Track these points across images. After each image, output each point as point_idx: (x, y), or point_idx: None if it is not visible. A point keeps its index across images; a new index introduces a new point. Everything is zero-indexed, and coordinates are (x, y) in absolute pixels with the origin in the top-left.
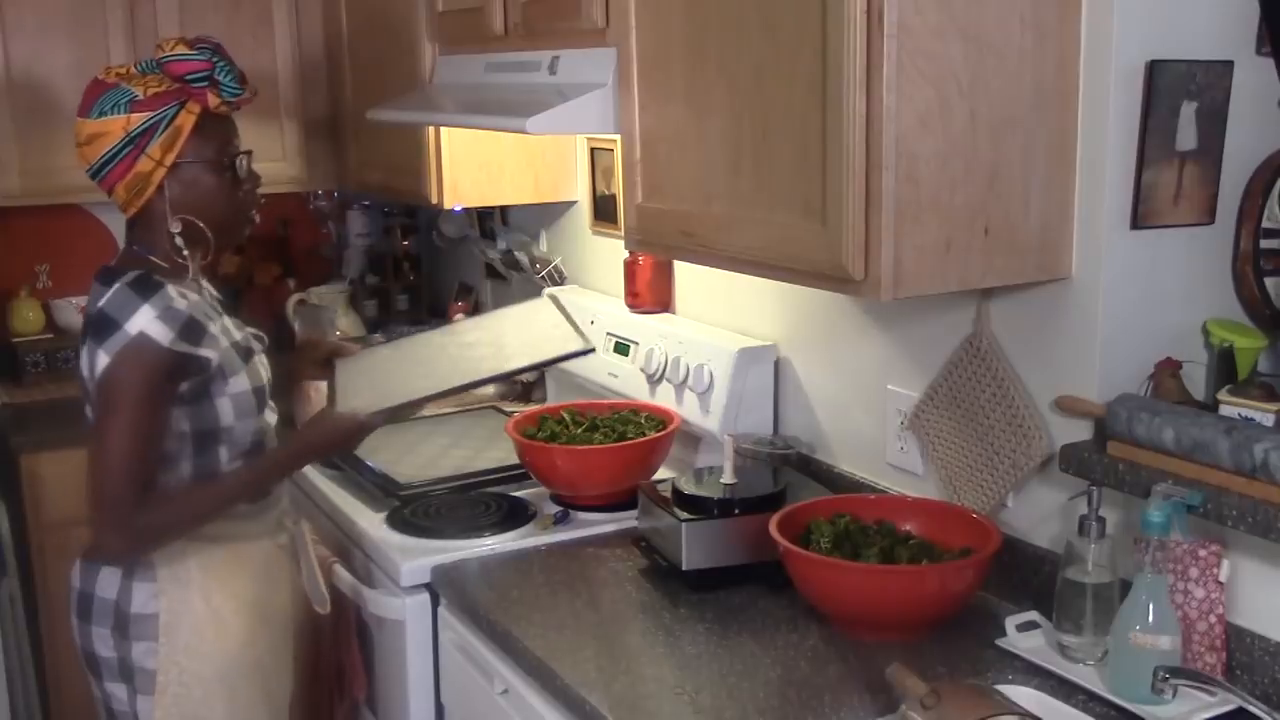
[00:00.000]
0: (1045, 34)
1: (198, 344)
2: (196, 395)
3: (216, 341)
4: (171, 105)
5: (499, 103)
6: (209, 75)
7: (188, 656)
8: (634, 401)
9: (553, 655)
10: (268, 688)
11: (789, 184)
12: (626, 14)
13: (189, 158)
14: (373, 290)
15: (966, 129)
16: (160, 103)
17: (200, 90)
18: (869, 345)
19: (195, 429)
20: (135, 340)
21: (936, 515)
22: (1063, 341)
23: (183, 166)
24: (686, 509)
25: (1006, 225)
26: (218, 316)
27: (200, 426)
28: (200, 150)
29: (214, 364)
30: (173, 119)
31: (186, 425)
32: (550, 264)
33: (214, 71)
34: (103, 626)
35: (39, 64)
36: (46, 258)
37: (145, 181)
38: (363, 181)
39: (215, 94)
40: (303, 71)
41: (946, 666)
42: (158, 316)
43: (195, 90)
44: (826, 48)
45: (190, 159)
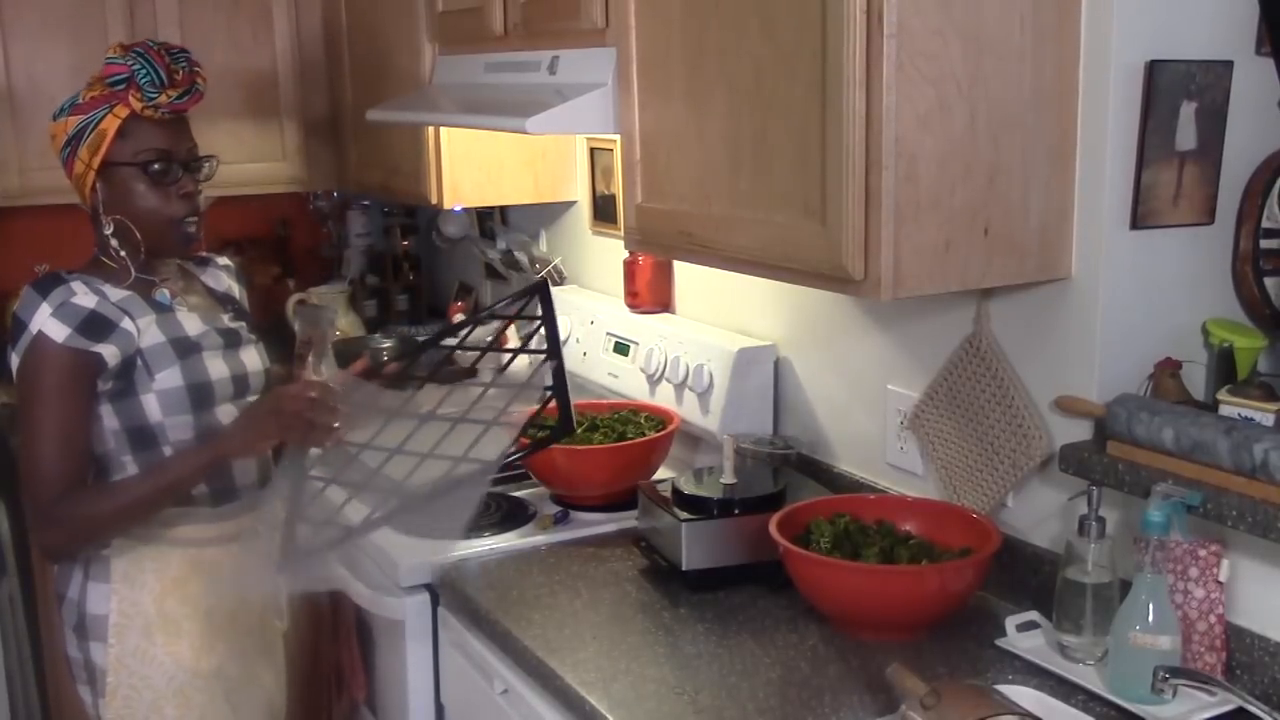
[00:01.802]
0: (1045, 34)
1: (98, 340)
2: (121, 391)
3: (130, 338)
4: (101, 109)
5: (498, 103)
6: (126, 79)
7: (137, 660)
8: (634, 401)
9: (553, 655)
10: (232, 699)
11: (789, 184)
12: (626, 14)
13: (115, 160)
14: (373, 290)
15: (966, 129)
16: (92, 106)
17: (122, 94)
18: (869, 345)
19: (125, 425)
20: (35, 340)
21: (936, 515)
22: (1062, 341)
23: (110, 169)
24: (686, 509)
25: (1006, 225)
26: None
27: (128, 423)
28: (122, 153)
29: (110, 364)
30: (98, 122)
31: (116, 422)
32: (550, 264)
33: (133, 76)
34: (68, 627)
35: (39, 64)
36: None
37: (81, 183)
38: (362, 181)
39: (137, 98)
40: (303, 71)
41: (946, 666)
42: (53, 314)
43: (119, 94)
44: (826, 48)
45: (116, 161)
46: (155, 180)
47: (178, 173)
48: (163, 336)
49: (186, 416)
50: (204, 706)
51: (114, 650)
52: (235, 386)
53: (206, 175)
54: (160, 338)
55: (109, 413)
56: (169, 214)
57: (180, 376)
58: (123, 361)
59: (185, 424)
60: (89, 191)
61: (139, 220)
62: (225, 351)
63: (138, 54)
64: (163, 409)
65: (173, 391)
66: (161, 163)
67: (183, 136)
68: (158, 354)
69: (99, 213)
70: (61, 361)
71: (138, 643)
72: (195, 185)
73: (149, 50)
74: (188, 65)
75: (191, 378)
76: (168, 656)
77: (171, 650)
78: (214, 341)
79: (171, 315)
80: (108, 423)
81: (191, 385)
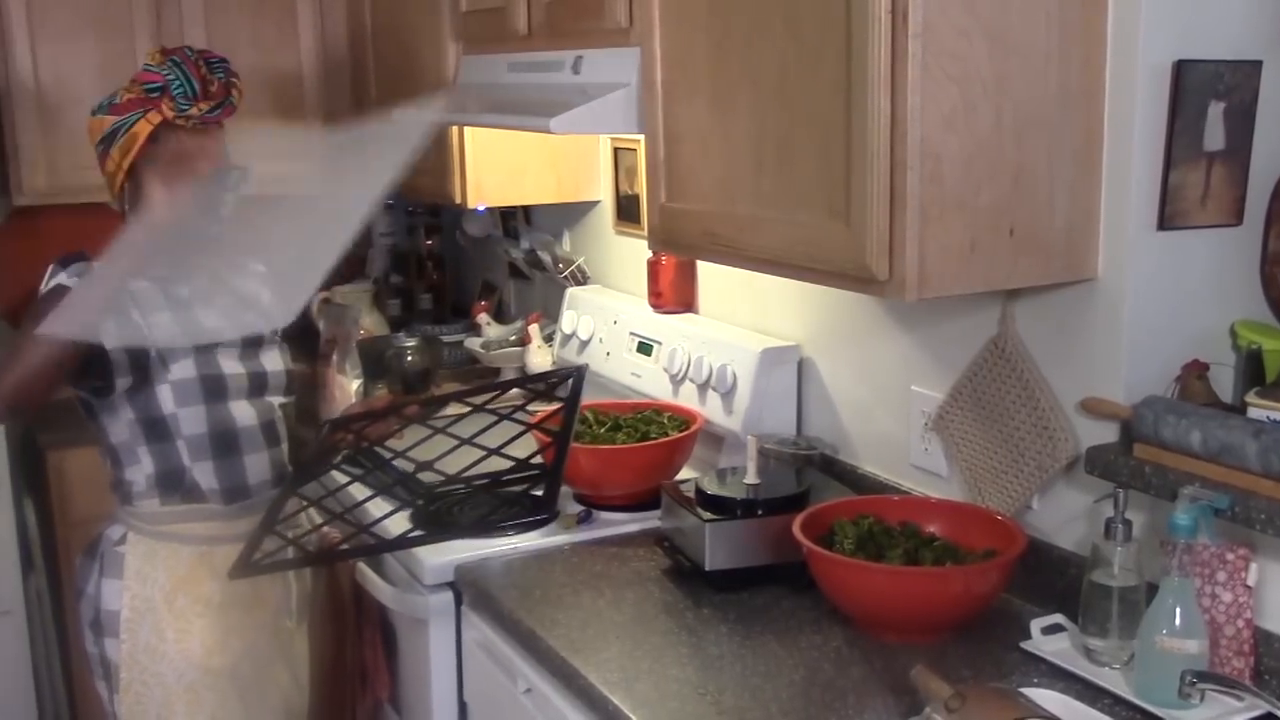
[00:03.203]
0: (1071, 34)
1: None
2: (137, 383)
3: (137, 330)
4: (135, 113)
5: (523, 103)
6: (161, 88)
7: (148, 656)
8: (657, 401)
9: (576, 654)
10: (245, 698)
11: (813, 184)
12: (650, 13)
13: (144, 164)
14: (397, 289)
15: (992, 129)
16: (127, 109)
17: (156, 101)
18: (893, 346)
19: (139, 416)
20: (49, 290)
21: (961, 517)
22: (1088, 343)
23: (139, 171)
24: (710, 509)
25: (1032, 226)
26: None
27: (143, 414)
28: (151, 158)
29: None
30: (131, 126)
31: (131, 413)
32: (573, 264)
33: (167, 85)
34: (85, 622)
35: (66, 64)
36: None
37: (112, 181)
38: None
39: (170, 107)
40: (327, 71)
41: (971, 669)
42: (69, 275)
43: (154, 101)
44: (851, 48)
45: (144, 165)
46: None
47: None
48: (178, 330)
49: (200, 408)
50: (215, 705)
51: (126, 646)
52: (251, 383)
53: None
54: (175, 331)
55: (125, 406)
56: None
57: (194, 368)
58: (129, 354)
59: (199, 415)
60: (118, 190)
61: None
62: (243, 350)
63: (174, 63)
64: (176, 400)
65: (186, 383)
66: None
67: (213, 146)
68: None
69: (126, 211)
70: None
71: (149, 639)
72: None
73: (186, 60)
74: (225, 76)
75: (205, 369)
76: (179, 653)
77: (182, 647)
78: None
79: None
80: (123, 415)
81: (205, 377)
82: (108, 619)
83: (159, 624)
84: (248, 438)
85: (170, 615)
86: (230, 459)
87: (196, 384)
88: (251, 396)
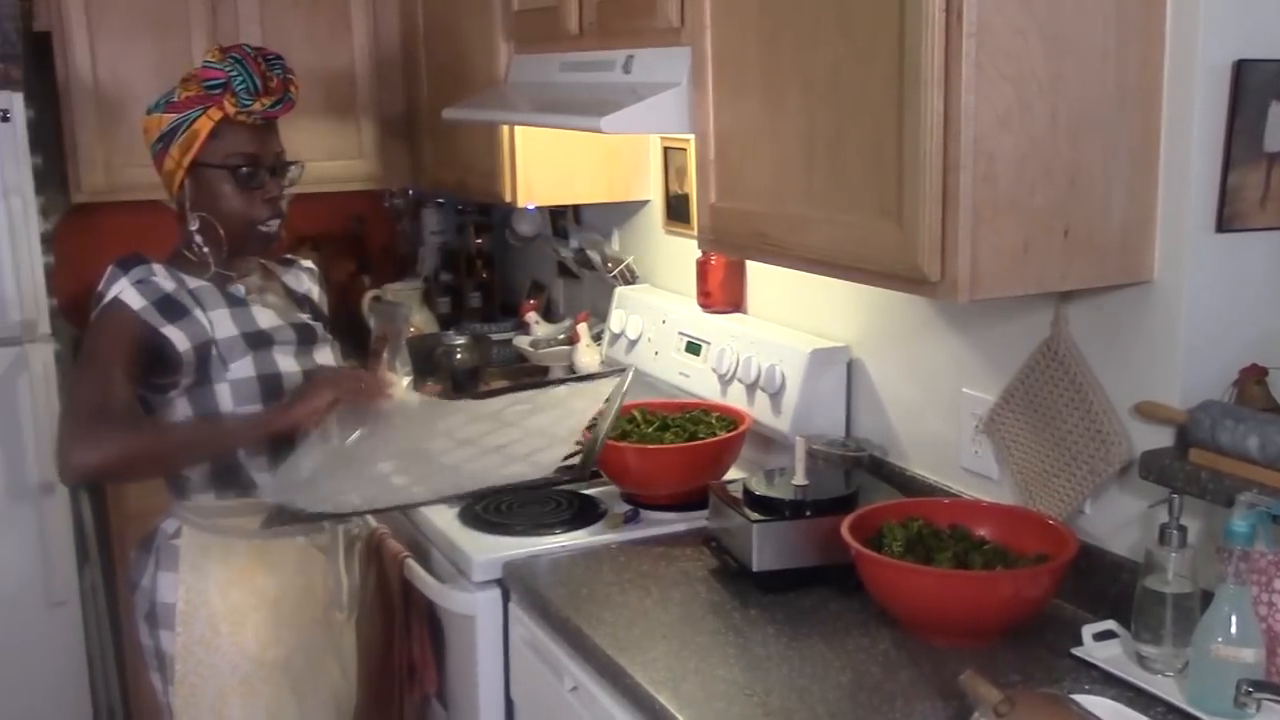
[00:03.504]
0: (1129, 33)
1: (170, 320)
2: (197, 382)
3: (201, 328)
4: (196, 110)
5: (573, 102)
6: (224, 84)
7: (203, 648)
8: (705, 401)
9: (622, 653)
10: (298, 690)
11: (864, 184)
12: (701, 13)
13: (205, 161)
14: (446, 287)
15: (1047, 129)
16: (187, 106)
17: (217, 98)
18: (944, 348)
19: (198, 414)
20: (110, 303)
21: (1011, 520)
22: (1143, 346)
23: (199, 169)
24: (757, 510)
25: (1087, 227)
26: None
27: (202, 412)
28: (213, 155)
29: (180, 348)
30: (192, 123)
31: (190, 411)
32: (622, 263)
33: (229, 81)
34: (140, 615)
35: (123, 63)
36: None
37: (170, 179)
38: (438, 179)
39: (231, 103)
40: (379, 70)
41: (1021, 674)
42: (132, 285)
43: (214, 97)
44: (904, 47)
45: (206, 162)
46: (242, 183)
47: (264, 177)
48: (236, 330)
49: (257, 407)
50: (269, 697)
51: (181, 638)
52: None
53: (291, 180)
54: (234, 330)
55: (184, 403)
56: (253, 216)
57: (252, 368)
58: (196, 352)
59: None
60: (177, 188)
61: (223, 220)
62: (298, 348)
63: (235, 60)
64: (234, 399)
65: (245, 382)
66: (249, 167)
67: (271, 141)
68: (231, 345)
69: (185, 209)
70: (131, 326)
71: (203, 632)
72: (280, 190)
73: (246, 56)
74: (282, 73)
75: (263, 369)
76: (233, 646)
77: (236, 640)
78: (287, 337)
79: (245, 310)
80: (181, 411)
81: (263, 376)
82: (163, 611)
83: (213, 617)
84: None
85: (224, 608)
86: (285, 454)
87: (254, 383)
88: None
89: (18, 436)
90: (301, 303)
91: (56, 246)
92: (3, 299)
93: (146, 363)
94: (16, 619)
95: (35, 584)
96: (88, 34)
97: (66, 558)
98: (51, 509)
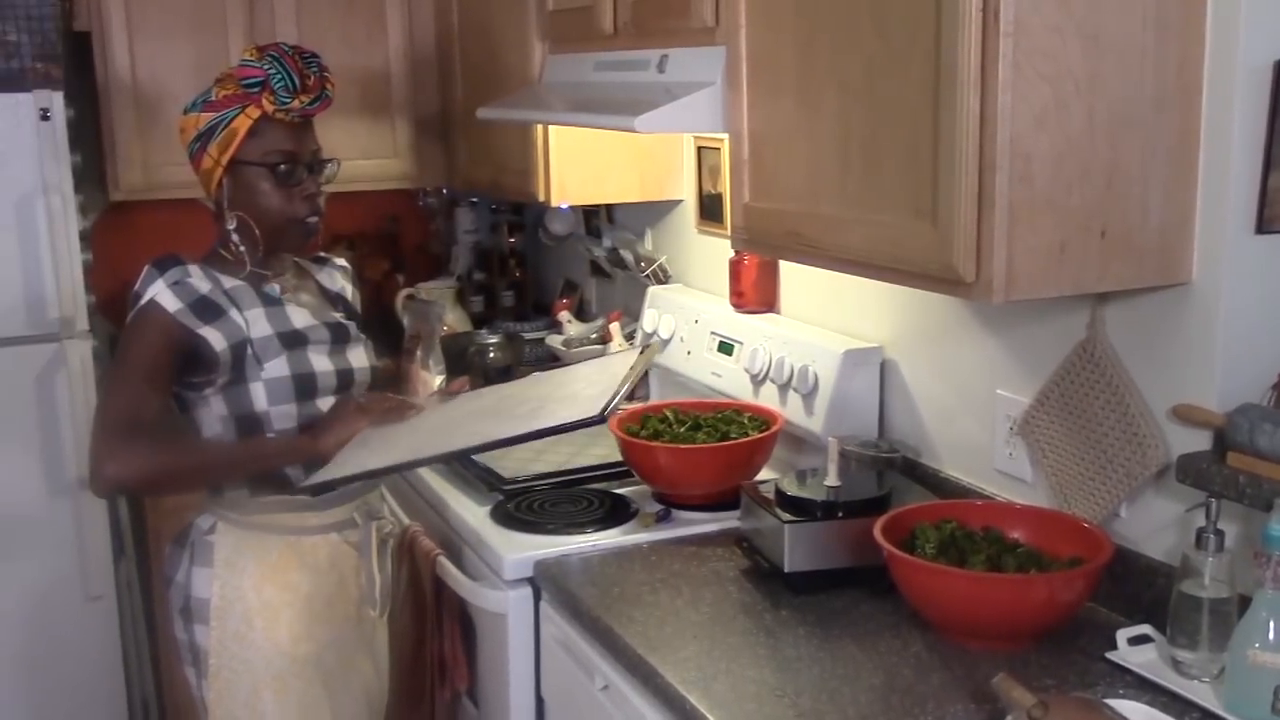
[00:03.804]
0: (1168, 32)
1: (206, 322)
2: (232, 380)
3: (237, 327)
4: (234, 108)
5: (607, 102)
6: (262, 82)
7: (237, 643)
8: (737, 401)
9: (653, 653)
10: (329, 685)
11: (899, 184)
12: (736, 12)
13: (243, 159)
14: (479, 286)
15: (1084, 129)
16: (225, 105)
17: (255, 96)
18: (978, 349)
19: (232, 412)
20: (146, 305)
21: (1046, 523)
22: (1181, 348)
23: (237, 167)
24: (789, 510)
25: (1124, 228)
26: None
27: (236, 410)
28: (251, 153)
29: (217, 348)
30: (230, 121)
31: (225, 409)
32: (655, 262)
33: (268, 79)
34: (175, 609)
35: (162, 63)
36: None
37: (208, 178)
38: (471, 179)
39: (270, 101)
40: (414, 70)
41: (1054, 678)
42: (168, 287)
43: (253, 96)
44: (940, 46)
45: (244, 160)
46: (280, 181)
47: (302, 174)
48: (271, 329)
49: (291, 406)
50: (301, 692)
51: (215, 633)
52: (339, 380)
53: (328, 177)
54: (269, 330)
55: (219, 400)
56: (291, 213)
57: (287, 367)
58: (232, 351)
59: (289, 413)
60: (215, 187)
61: (261, 218)
62: (332, 347)
63: (273, 58)
64: (269, 398)
65: (279, 381)
66: (287, 164)
67: (308, 139)
68: (266, 344)
69: (223, 208)
70: (166, 329)
71: (238, 627)
72: (317, 186)
73: (283, 54)
74: (319, 71)
75: (297, 368)
76: (266, 642)
77: (270, 636)
78: (321, 336)
79: (280, 309)
80: (216, 409)
81: (297, 376)
82: (197, 606)
83: (248, 612)
84: None
85: (259, 604)
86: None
87: (289, 382)
88: (339, 392)
89: (56, 432)
90: (335, 301)
91: (94, 244)
92: (42, 296)
93: (182, 364)
94: (54, 613)
95: (73, 578)
96: (127, 34)
97: (103, 552)
98: (89, 504)
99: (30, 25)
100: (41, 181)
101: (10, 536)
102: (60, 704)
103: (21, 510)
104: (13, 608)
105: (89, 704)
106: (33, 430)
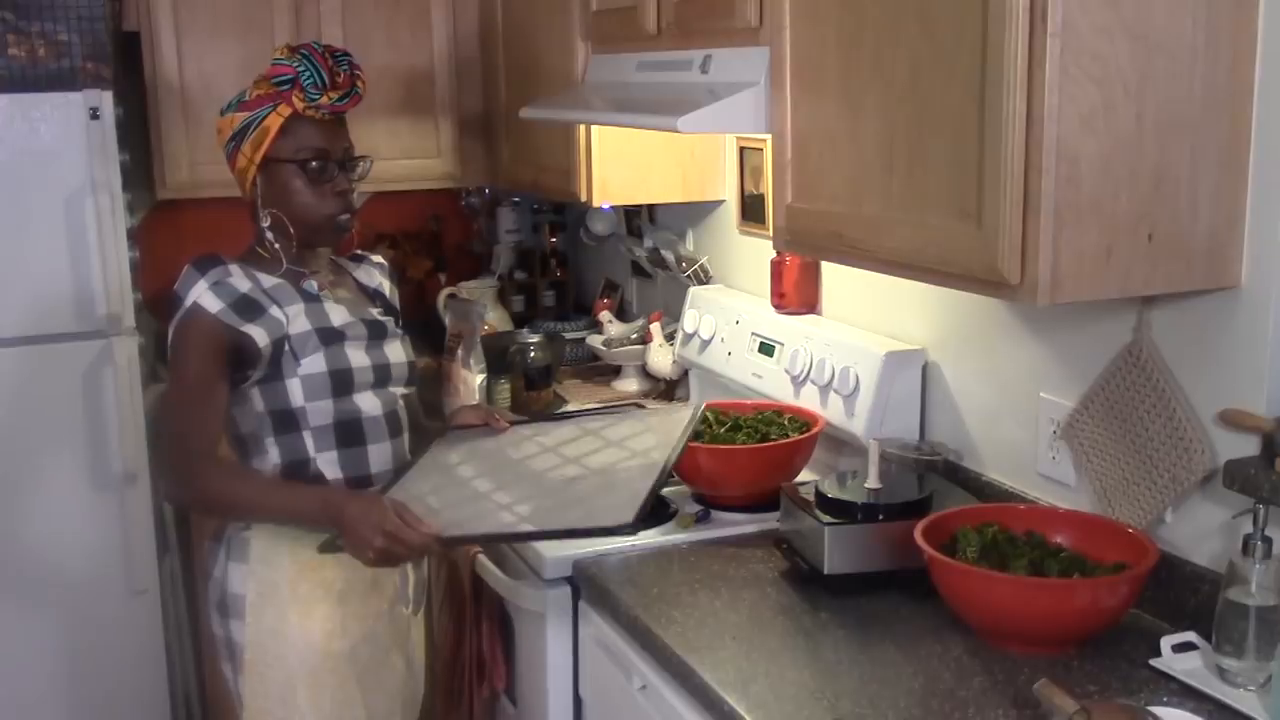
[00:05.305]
0: (1219, 33)
1: (248, 320)
2: (270, 375)
3: (278, 324)
4: (266, 107)
5: (650, 102)
6: (293, 80)
7: (272, 638)
8: (778, 403)
9: (692, 653)
10: (363, 682)
11: (944, 185)
12: (780, 13)
13: (276, 157)
14: (520, 286)
15: (1132, 131)
16: (258, 104)
17: (286, 94)
18: (1021, 352)
19: (269, 408)
20: (189, 310)
21: (1089, 528)
22: (1229, 353)
23: (270, 165)
24: (829, 512)
25: (1172, 231)
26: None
27: (273, 406)
28: (283, 150)
29: (260, 344)
30: (262, 120)
31: (261, 404)
32: (696, 263)
33: (297, 77)
34: (212, 604)
35: (209, 63)
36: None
37: (243, 177)
38: (514, 178)
39: (300, 98)
40: (458, 69)
41: (1097, 685)
42: (209, 288)
43: (284, 94)
44: (986, 47)
45: (276, 158)
46: (312, 178)
47: (334, 171)
48: (309, 325)
49: (327, 402)
50: (335, 688)
51: (251, 628)
52: (376, 375)
53: (361, 174)
54: (307, 325)
55: (256, 396)
56: (323, 210)
57: (324, 363)
58: (273, 347)
59: (326, 409)
60: (249, 185)
61: (295, 215)
62: (369, 343)
63: (303, 56)
64: (305, 393)
65: (316, 377)
66: (319, 161)
67: (340, 136)
68: (304, 341)
69: (258, 206)
70: (212, 331)
71: (273, 622)
72: (350, 184)
73: (314, 52)
74: (349, 68)
75: (334, 364)
76: (301, 637)
77: (304, 631)
78: (359, 332)
79: (318, 305)
80: (254, 405)
81: (334, 372)
82: (233, 601)
83: (282, 608)
84: (371, 428)
85: (293, 600)
86: (354, 449)
87: (325, 378)
88: (376, 387)
89: (103, 427)
90: (373, 297)
91: (141, 242)
92: (90, 293)
93: (230, 362)
94: (99, 606)
95: (117, 572)
96: (174, 34)
97: (147, 547)
98: (134, 499)
99: (80, 25)
100: (90, 180)
101: (56, 531)
102: (103, 697)
103: (67, 505)
104: (57, 601)
105: (131, 698)
106: (79, 426)
